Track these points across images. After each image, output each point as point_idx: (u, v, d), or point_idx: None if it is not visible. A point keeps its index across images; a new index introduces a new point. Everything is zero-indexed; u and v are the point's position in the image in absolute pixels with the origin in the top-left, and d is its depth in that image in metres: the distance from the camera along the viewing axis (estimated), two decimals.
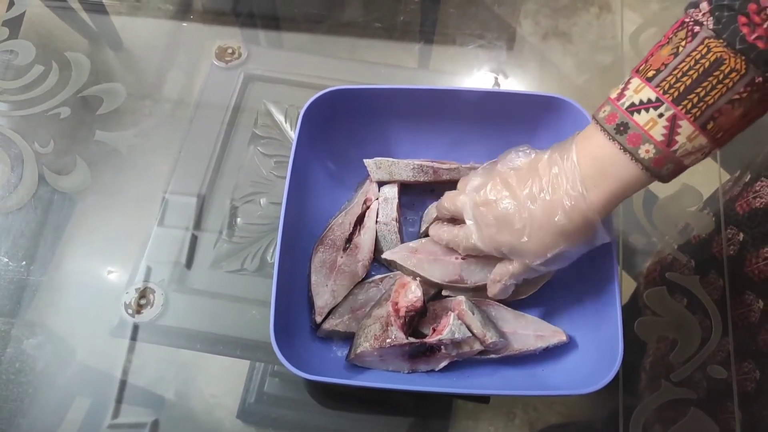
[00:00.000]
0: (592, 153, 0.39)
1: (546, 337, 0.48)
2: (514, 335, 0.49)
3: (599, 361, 0.44)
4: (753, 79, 0.33)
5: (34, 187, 0.61)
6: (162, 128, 0.65)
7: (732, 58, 0.33)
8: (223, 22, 0.74)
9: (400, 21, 0.74)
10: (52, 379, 0.52)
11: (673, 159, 0.36)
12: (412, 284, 0.47)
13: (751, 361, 0.51)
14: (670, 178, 0.38)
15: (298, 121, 0.51)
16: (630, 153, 0.37)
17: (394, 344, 0.45)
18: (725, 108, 0.34)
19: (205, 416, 0.51)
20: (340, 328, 0.50)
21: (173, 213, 0.60)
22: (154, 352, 0.53)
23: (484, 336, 0.46)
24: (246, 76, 0.68)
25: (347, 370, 0.49)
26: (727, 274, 0.56)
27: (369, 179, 0.56)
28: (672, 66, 0.35)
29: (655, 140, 0.36)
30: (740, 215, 0.58)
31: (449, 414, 0.51)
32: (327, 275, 0.51)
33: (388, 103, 0.54)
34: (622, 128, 0.37)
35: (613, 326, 0.43)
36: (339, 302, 0.51)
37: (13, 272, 0.57)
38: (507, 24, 0.74)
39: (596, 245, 0.42)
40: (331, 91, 0.52)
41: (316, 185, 0.55)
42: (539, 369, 0.49)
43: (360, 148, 0.57)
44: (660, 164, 0.37)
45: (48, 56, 0.69)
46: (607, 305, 0.45)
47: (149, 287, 0.56)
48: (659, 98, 0.35)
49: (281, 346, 0.43)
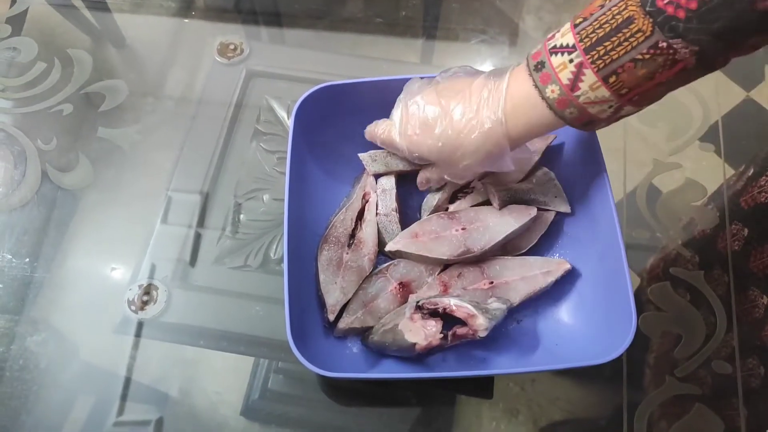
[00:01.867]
0: (517, 86, 0.40)
1: (553, 272, 0.50)
2: (522, 280, 0.50)
3: (614, 331, 0.44)
4: (657, 43, 0.34)
5: (37, 185, 0.61)
6: (164, 125, 0.65)
7: (641, 19, 0.34)
8: (225, 18, 0.73)
9: (402, 16, 0.73)
10: (56, 376, 0.52)
11: (576, 104, 0.38)
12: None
13: (756, 357, 0.51)
14: (579, 125, 0.40)
15: (291, 119, 0.51)
16: (538, 90, 0.39)
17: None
18: (628, 66, 0.35)
19: (209, 413, 0.51)
20: (356, 324, 0.50)
21: (176, 210, 0.60)
22: (158, 349, 0.53)
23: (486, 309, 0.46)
24: (248, 72, 0.68)
25: (365, 364, 0.49)
26: (731, 269, 0.55)
27: (366, 173, 0.56)
28: (594, 17, 0.36)
29: (561, 82, 0.38)
30: (745, 210, 0.58)
31: (453, 410, 0.51)
32: (335, 273, 0.51)
33: (381, 97, 0.54)
34: (539, 66, 0.39)
35: (624, 295, 0.43)
36: (350, 298, 0.51)
37: (16, 269, 0.57)
38: (510, 19, 0.74)
39: (501, 170, 0.45)
40: (321, 87, 0.52)
41: (315, 183, 0.55)
42: (553, 345, 0.49)
43: (354, 143, 0.57)
44: (563, 106, 0.39)
45: (50, 53, 0.69)
46: (614, 274, 0.45)
47: (152, 284, 0.56)
48: (575, 45, 0.37)
49: (300, 347, 0.43)
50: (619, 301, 0.44)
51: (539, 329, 0.50)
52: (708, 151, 0.63)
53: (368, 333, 0.49)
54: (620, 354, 0.41)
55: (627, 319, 0.42)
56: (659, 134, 0.64)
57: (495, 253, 0.52)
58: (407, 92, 0.47)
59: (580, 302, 0.50)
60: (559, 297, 0.51)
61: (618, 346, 0.42)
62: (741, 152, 0.63)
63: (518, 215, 0.51)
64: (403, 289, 0.51)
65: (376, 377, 0.45)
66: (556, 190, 0.53)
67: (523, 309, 0.51)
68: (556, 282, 0.50)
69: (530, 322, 0.51)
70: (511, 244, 0.53)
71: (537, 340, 0.50)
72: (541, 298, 0.51)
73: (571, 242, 0.53)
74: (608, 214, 0.46)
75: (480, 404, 0.51)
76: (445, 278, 0.51)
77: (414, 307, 0.46)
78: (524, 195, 0.53)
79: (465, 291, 0.50)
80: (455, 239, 0.51)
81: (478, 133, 0.42)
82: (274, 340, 0.53)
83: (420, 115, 0.45)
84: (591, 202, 0.50)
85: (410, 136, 0.46)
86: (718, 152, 0.63)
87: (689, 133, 0.64)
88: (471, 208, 0.53)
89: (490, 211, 0.52)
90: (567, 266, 0.50)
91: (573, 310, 0.50)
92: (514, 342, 0.50)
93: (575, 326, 0.49)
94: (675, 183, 0.61)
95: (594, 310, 0.48)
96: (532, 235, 0.53)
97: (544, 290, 0.50)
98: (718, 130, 0.64)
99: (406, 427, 0.51)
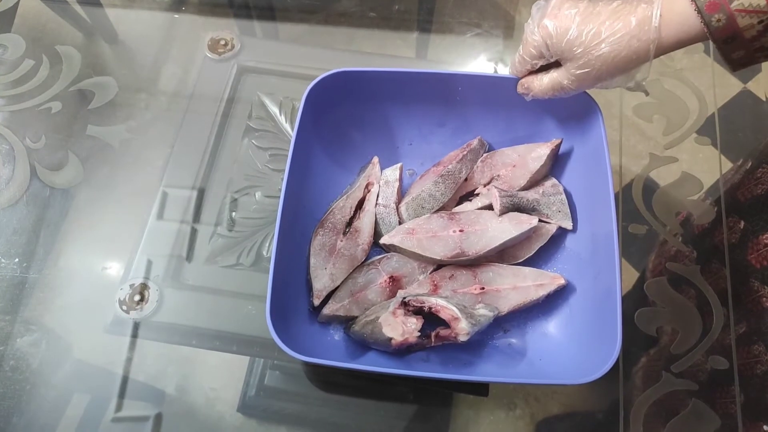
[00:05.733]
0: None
1: (546, 285, 0.49)
2: (514, 290, 0.49)
3: (598, 352, 0.44)
4: None
5: (26, 184, 0.61)
6: (155, 122, 0.64)
7: None
8: (217, 12, 0.73)
9: (396, 10, 0.73)
10: (49, 376, 0.52)
11: (727, 10, 0.37)
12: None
13: (762, 344, 0.51)
14: (720, 41, 0.39)
15: (302, 101, 0.51)
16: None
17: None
18: None
19: (206, 410, 0.51)
20: (341, 312, 0.50)
21: (168, 208, 0.59)
22: (152, 348, 0.53)
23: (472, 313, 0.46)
24: (239, 68, 0.67)
25: (345, 354, 0.49)
26: (728, 262, 0.55)
27: (372, 163, 0.55)
28: None
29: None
30: (741, 203, 0.57)
31: (450, 405, 0.51)
32: (326, 258, 0.51)
33: (392, 88, 0.54)
34: None
35: (612, 317, 0.43)
36: (338, 286, 0.51)
37: (6, 270, 0.56)
38: (505, 12, 0.73)
39: (635, 80, 0.44)
40: (334, 73, 0.51)
41: (318, 167, 0.55)
42: (537, 359, 0.48)
43: (362, 131, 0.57)
44: (712, 9, 0.38)
45: (38, 50, 0.68)
46: (607, 295, 0.45)
47: (144, 283, 0.55)
48: None
49: (277, 328, 0.42)
50: (607, 325, 0.43)
51: (525, 341, 0.50)
52: (704, 144, 0.63)
53: (351, 323, 0.49)
54: (597, 378, 0.41)
55: (611, 343, 0.42)
56: (655, 128, 0.64)
57: (490, 260, 0.51)
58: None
59: (570, 319, 0.50)
60: (550, 311, 0.51)
61: (597, 370, 0.41)
62: (738, 145, 0.63)
63: (518, 224, 0.50)
64: (393, 284, 0.51)
65: (349, 367, 0.44)
66: (561, 204, 0.52)
67: (511, 319, 0.51)
68: (548, 296, 0.49)
69: (517, 332, 0.51)
70: (508, 253, 0.52)
71: (521, 352, 0.49)
72: (532, 311, 0.51)
73: (570, 257, 0.52)
74: (609, 235, 0.45)
75: (477, 399, 0.51)
76: (437, 278, 0.51)
77: (399, 302, 0.46)
78: (528, 204, 0.52)
79: (454, 293, 0.50)
80: (451, 240, 0.50)
81: (631, 37, 0.40)
82: (267, 339, 0.53)
83: (581, 11, 0.43)
84: (594, 221, 0.50)
85: (567, 29, 0.43)
86: (714, 145, 0.63)
87: (686, 126, 0.64)
88: (472, 211, 0.53)
89: (491, 216, 0.51)
90: (561, 281, 0.49)
91: (561, 325, 0.50)
92: (498, 351, 0.49)
93: (561, 342, 0.49)
94: (672, 177, 0.61)
95: (582, 329, 0.48)
96: (531, 246, 0.52)
97: (535, 303, 0.49)
98: (714, 122, 0.64)
99: (404, 423, 0.51)
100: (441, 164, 0.55)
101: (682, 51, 0.67)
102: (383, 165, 0.56)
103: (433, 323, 0.46)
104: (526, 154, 0.54)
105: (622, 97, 0.64)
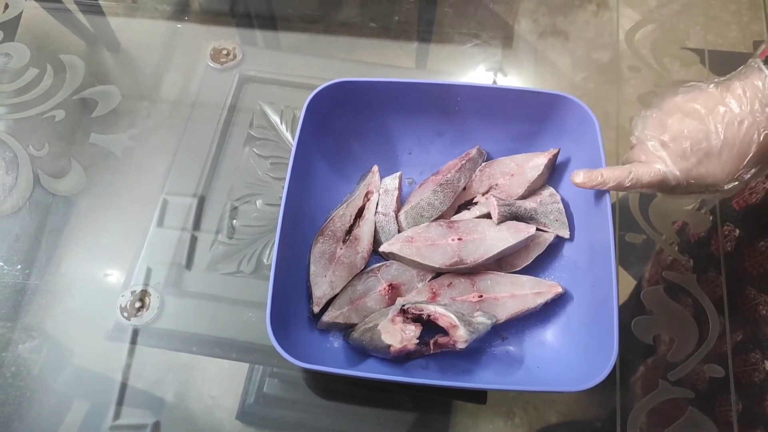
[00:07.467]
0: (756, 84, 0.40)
1: (543, 293, 0.49)
2: (512, 298, 0.49)
3: (595, 360, 0.44)
4: None
5: (29, 191, 0.61)
6: (157, 131, 0.65)
7: None
8: (219, 22, 0.73)
9: (396, 20, 0.73)
10: (49, 382, 0.52)
11: None
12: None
13: (759, 352, 0.51)
14: None
15: (302, 111, 0.51)
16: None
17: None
18: None
19: (205, 417, 0.51)
20: (340, 320, 0.50)
21: (169, 216, 0.59)
22: (152, 355, 0.53)
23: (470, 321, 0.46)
24: (241, 77, 0.68)
25: (344, 361, 0.49)
26: (724, 270, 0.56)
27: (372, 171, 0.56)
28: None
29: None
30: (737, 211, 0.58)
31: (449, 413, 0.51)
32: (326, 266, 0.52)
33: (392, 97, 0.54)
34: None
35: (609, 325, 0.43)
36: (337, 293, 0.51)
37: (8, 276, 0.57)
38: (504, 22, 0.74)
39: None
40: (335, 83, 0.52)
41: (318, 176, 0.55)
42: (534, 367, 0.49)
43: (362, 140, 0.57)
44: None
45: (42, 59, 0.69)
46: (604, 303, 0.45)
47: (145, 290, 0.56)
48: None
49: (277, 335, 0.43)
50: (604, 333, 0.44)
51: (523, 349, 0.50)
52: None
53: (350, 330, 0.49)
54: (593, 385, 0.41)
55: (608, 351, 0.42)
56: None
57: (489, 268, 0.52)
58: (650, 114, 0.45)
59: (567, 327, 0.50)
60: (547, 319, 0.51)
61: (594, 378, 0.41)
62: None
63: (516, 232, 0.50)
64: (392, 291, 0.51)
65: (349, 374, 0.45)
66: (558, 213, 0.53)
67: (509, 327, 0.51)
68: (545, 304, 0.50)
69: (515, 340, 0.51)
70: (506, 261, 0.53)
71: (519, 359, 0.50)
72: (529, 318, 0.51)
73: (568, 266, 0.53)
74: (606, 244, 0.46)
75: (476, 407, 0.51)
76: (435, 286, 0.51)
77: (398, 309, 0.46)
78: (526, 213, 0.52)
79: (453, 301, 0.50)
80: (450, 248, 0.51)
81: (756, 135, 0.40)
82: (267, 346, 0.53)
83: (691, 138, 0.42)
84: (591, 230, 0.50)
85: (688, 165, 0.42)
86: None
87: None
88: (471, 220, 0.53)
89: (489, 224, 0.52)
90: (558, 290, 0.49)
91: (558, 333, 0.50)
92: (495, 358, 0.50)
93: (558, 350, 0.49)
94: None
95: (579, 337, 0.48)
96: (529, 254, 0.52)
97: (533, 311, 0.50)
98: None
99: (403, 431, 0.51)
100: (440, 173, 0.56)
101: (679, 62, 0.69)
102: (383, 174, 0.57)
103: (431, 331, 0.46)
104: (524, 163, 0.55)
105: (619, 108, 0.65)
